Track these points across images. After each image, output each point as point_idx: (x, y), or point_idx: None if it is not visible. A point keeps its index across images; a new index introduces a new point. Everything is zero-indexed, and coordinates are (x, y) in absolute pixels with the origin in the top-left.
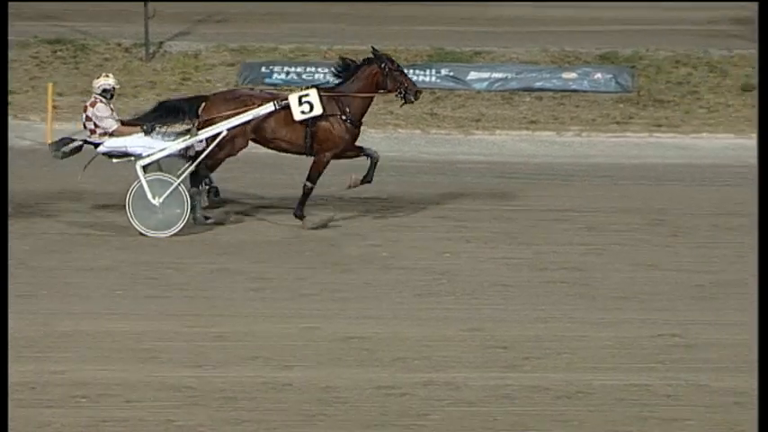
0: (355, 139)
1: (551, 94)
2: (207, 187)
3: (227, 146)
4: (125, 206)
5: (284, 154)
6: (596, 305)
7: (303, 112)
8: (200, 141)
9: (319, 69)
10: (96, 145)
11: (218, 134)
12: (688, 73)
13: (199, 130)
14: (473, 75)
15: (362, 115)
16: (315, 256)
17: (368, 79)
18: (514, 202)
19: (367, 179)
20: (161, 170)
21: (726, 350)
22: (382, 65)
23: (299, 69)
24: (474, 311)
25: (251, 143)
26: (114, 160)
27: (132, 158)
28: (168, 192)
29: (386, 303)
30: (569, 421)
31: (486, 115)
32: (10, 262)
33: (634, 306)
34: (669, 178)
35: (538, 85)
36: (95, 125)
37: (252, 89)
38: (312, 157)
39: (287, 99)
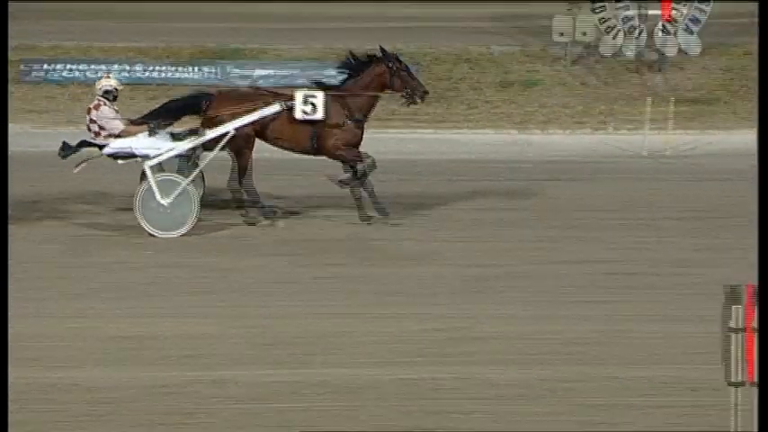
0: (359, 139)
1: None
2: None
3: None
4: (134, 207)
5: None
6: (379, 300)
7: (305, 112)
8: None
9: (103, 66)
10: (101, 147)
11: (225, 134)
12: (470, 68)
13: (205, 129)
14: (258, 72)
15: (367, 114)
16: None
17: (375, 79)
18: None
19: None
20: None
21: (510, 343)
22: (390, 64)
23: (82, 67)
24: (251, 309)
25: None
26: (120, 161)
27: (139, 159)
28: (177, 192)
29: (152, 301)
30: (353, 417)
31: None
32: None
33: (419, 300)
34: (429, 172)
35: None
36: (101, 127)
37: (257, 88)
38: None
39: (294, 99)
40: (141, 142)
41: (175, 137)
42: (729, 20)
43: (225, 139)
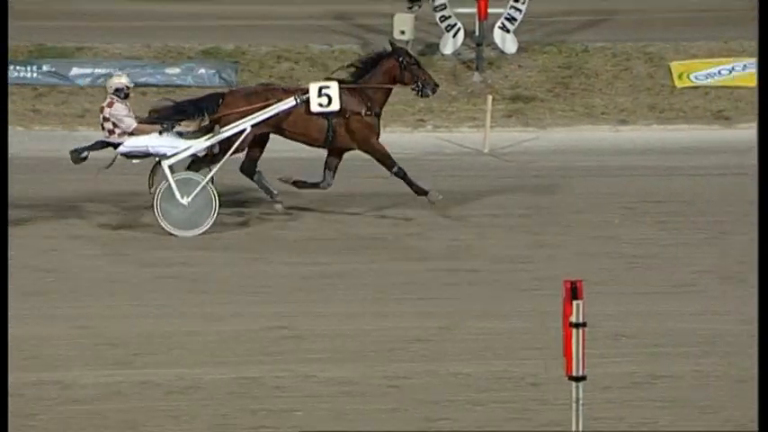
0: (375, 132)
1: (156, 90)
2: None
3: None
4: (152, 206)
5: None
6: (206, 299)
7: (321, 105)
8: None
9: None
10: (116, 146)
11: (242, 131)
12: (290, 68)
13: (221, 127)
14: (75, 70)
15: (381, 108)
16: None
17: (386, 72)
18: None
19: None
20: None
21: (332, 341)
22: (400, 58)
23: None
24: (82, 309)
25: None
26: (134, 161)
27: (157, 159)
28: (196, 191)
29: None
30: (180, 416)
31: (90, 111)
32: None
33: (243, 299)
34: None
35: (142, 80)
36: (114, 125)
37: (267, 85)
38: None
39: (308, 93)
40: (157, 141)
41: (186, 136)
42: (545, 18)
43: (242, 137)
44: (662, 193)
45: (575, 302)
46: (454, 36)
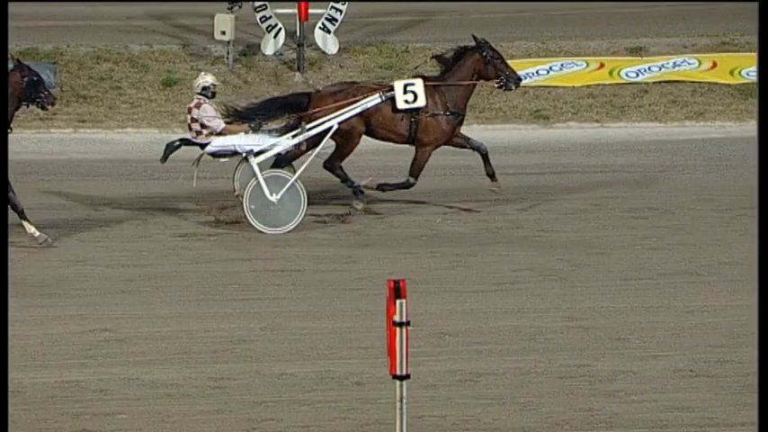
0: (457, 130)
1: None
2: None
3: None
4: (242, 204)
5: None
6: (24, 303)
7: (407, 101)
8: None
9: None
10: (203, 145)
11: (330, 129)
12: (110, 68)
13: (308, 124)
14: None
15: (465, 104)
16: None
17: (470, 68)
18: None
19: (490, 173)
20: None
21: (155, 343)
22: (484, 53)
23: None
24: None
25: None
26: (222, 160)
27: (243, 158)
28: (285, 188)
29: None
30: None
31: None
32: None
33: (64, 302)
34: (95, 173)
35: None
36: (202, 126)
37: (353, 83)
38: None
39: (392, 90)
40: (244, 140)
41: (276, 134)
42: (366, 19)
43: (329, 135)
44: (483, 192)
45: (398, 301)
46: (275, 37)
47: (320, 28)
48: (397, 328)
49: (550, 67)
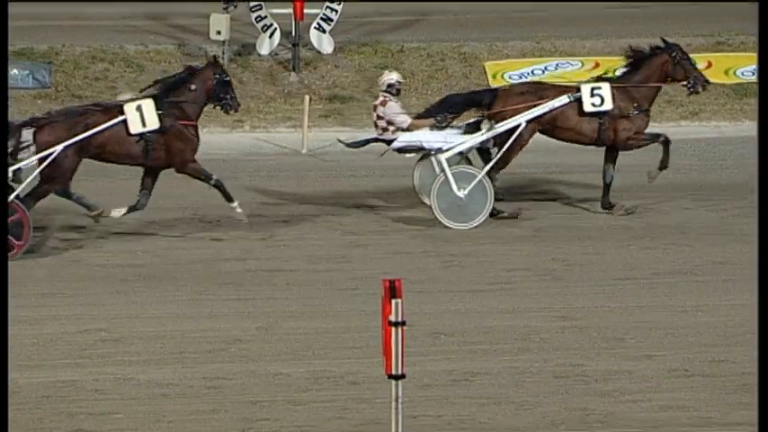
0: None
1: None
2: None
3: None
4: (429, 199)
5: None
6: (19, 303)
7: (594, 105)
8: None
9: None
10: (389, 142)
11: (517, 127)
12: (105, 68)
13: (496, 122)
14: None
15: (651, 104)
16: None
17: (658, 68)
18: None
19: (664, 165)
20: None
21: (150, 342)
22: (673, 54)
23: None
24: None
25: None
26: (407, 155)
27: (432, 152)
28: (473, 184)
29: None
30: None
31: None
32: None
33: (59, 302)
34: (89, 173)
35: None
36: (388, 123)
37: (537, 82)
38: (602, 148)
39: (579, 91)
40: (431, 136)
41: (460, 130)
42: (361, 19)
43: (517, 132)
44: None
45: (393, 301)
46: (270, 36)
47: (315, 28)
48: (393, 328)
49: (545, 67)
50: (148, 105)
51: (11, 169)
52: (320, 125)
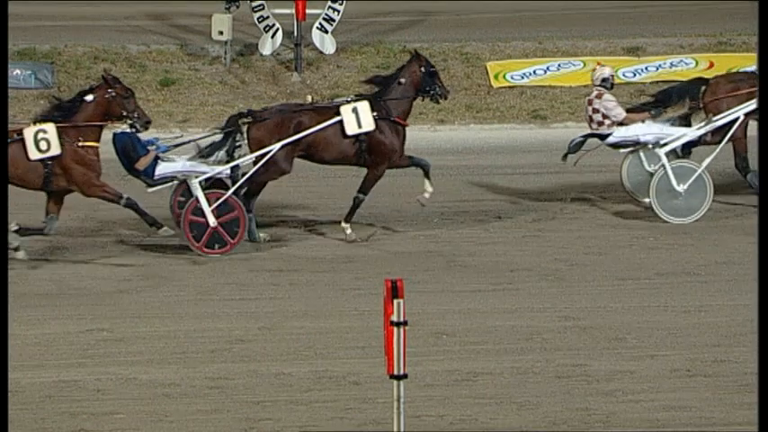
0: None
1: None
2: None
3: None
4: (649, 193)
5: None
6: (22, 303)
7: None
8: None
9: None
10: (604, 137)
11: (736, 120)
12: (107, 68)
13: (712, 114)
14: None
15: None
16: None
17: None
18: None
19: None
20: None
21: (153, 342)
22: None
23: None
24: None
25: None
26: (621, 150)
27: (650, 147)
28: (692, 178)
29: None
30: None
31: None
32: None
33: (62, 302)
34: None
35: None
36: (604, 116)
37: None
38: None
39: None
40: (647, 129)
41: (674, 123)
42: (363, 19)
43: (736, 126)
44: (480, 193)
45: (395, 301)
46: (273, 36)
47: (318, 28)
48: (395, 328)
49: (547, 68)
50: (364, 107)
51: (228, 166)
52: None
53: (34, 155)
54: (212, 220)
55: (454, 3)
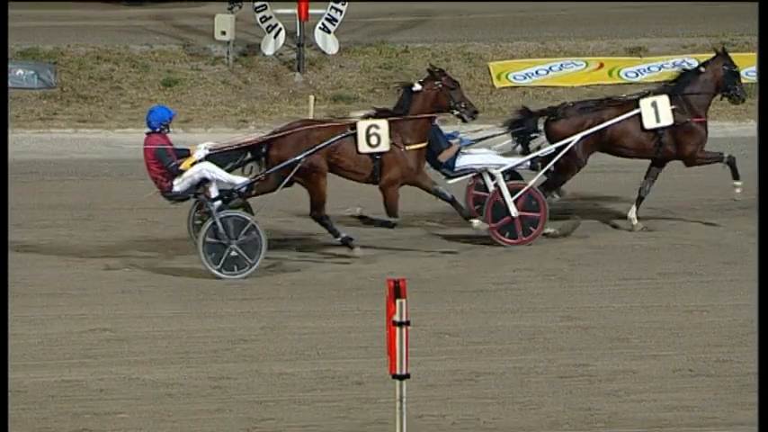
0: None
1: None
2: None
3: None
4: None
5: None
6: (25, 302)
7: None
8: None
9: None
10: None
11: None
12: (110, 69)
13: None
14: None
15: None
16: None
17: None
18: None
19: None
20: None
21: (155, 342)
22: None
23: None
24: None
25: None
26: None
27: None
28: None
29: None
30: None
31: None
32: None
33: (64, 302)
34: (95, 173)
35: None
36: None
37: None
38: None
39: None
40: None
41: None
42: (366, 19)
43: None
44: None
45: (398, 301)
46: (275, 37)
47: (320, 28)
48: (397, 328)
49: (550, 68)
50: (663, 101)
51: (528, 157)
52: None
53: (364, 148)
54: (514, 211)
55: (457, 3)
